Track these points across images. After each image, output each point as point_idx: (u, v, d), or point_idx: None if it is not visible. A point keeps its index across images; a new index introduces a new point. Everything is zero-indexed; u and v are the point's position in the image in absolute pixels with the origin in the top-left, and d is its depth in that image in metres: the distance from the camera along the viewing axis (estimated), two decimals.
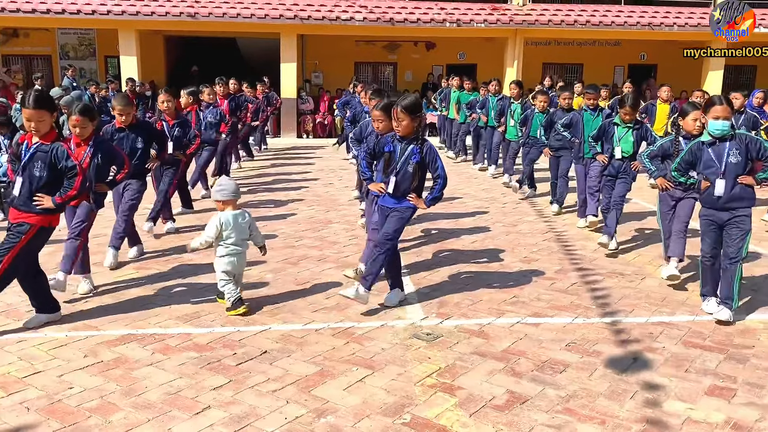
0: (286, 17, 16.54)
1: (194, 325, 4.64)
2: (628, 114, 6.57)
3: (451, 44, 19.34)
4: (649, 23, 17.59)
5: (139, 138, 6.17)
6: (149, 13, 16.13)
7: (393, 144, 4.90)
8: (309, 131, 17.54)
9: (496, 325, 4.71)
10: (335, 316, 4.83)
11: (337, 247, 6.76)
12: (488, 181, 11.03)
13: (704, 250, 4.98)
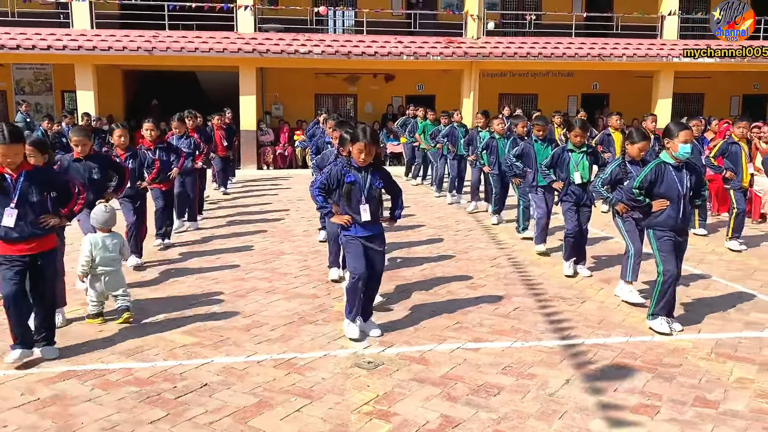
0: (245, 51, 16.72)
1: (137, 360, 4.65)
2: (578, 136, 6.71)
3: (410, 76, 19.74)
4: (600, 54, 18.21)
5: (96, 169, 6.25)
6: (106, 48, 16.16)
7: (352, 174, 4.96)
8: (269, 163, 17.63)
9: (437, 351, 4.82)
10: (278, 348, 4.89)
11: (288, 279, 6.82)
12: (444, 209, 11.22)
13: (670, 271, 5.08)
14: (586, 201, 6.79)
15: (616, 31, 19.73)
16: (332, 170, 5.04)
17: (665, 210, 5.06)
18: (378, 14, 19.15)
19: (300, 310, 5.77)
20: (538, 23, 19.94)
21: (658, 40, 19.28)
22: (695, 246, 8.35)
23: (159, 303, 5.97)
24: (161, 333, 5.18)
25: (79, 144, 6.12)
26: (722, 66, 18.78)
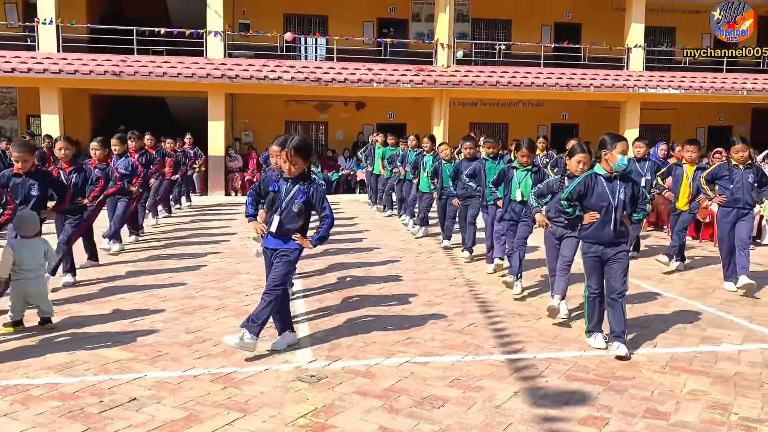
0: (214, 76, 16.63)
1: (65, 375, 4.39)
2: (525, 156, 6.76)
3: (381, 104, 19.78)
4: (568, 84, 18.45)
5: (36, 185, 6.04)
6: (72, 72, 15.96)
7: (278, 183, 4.87)
8: (237, 189, 17.42)
9: (384, 365, 4.63)
10: (218, 362, 4.66)
11: (239, 297, 6.59)
12: (408, 233, 11.08)
13: (591, 286, 5.04)
14: (523, 217, 6.76)
15: (584, 62, 20.05)
16: (265, 177, 5.01)
17: (594, 222, 4.97)
18: (349, 42, 19.24)
19: None
20: (507, 53, 20.18)
21: (625, 71, 19.61)
22: (656, 266, 8.31)
23: (98, 318, 5.70)
24: (96, 349, 4.92)
25: (19, 160, 5.94)
26: (688, 97, 19.17)
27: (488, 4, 20.60)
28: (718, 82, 19.40)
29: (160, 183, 11.63)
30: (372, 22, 20.54)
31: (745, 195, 6.95)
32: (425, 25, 20.65)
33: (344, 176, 18.46)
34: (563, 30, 21.31)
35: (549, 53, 20.39)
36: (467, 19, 21.05)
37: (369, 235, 10.74)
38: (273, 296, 4.82)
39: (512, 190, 6.81)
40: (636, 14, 19.52)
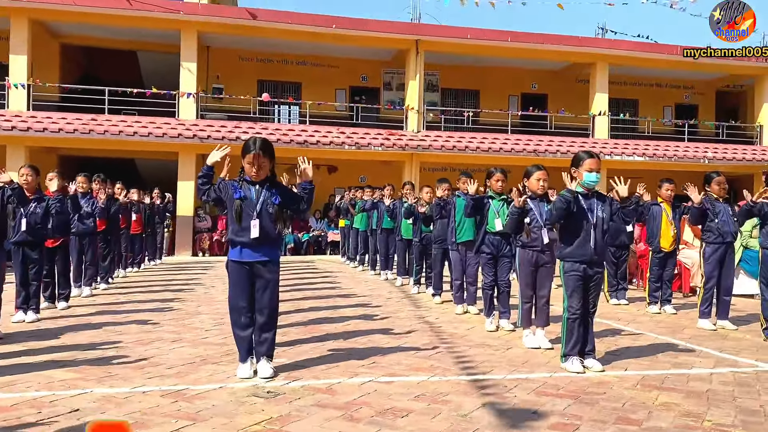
0: (185, 137, 16.69)
1: (4, 392, 4.11)
2: (499, 179, 6.61)
3: (352, 167, 19.94)
4: (535, 150, 18.89)
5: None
6: (41, 130, 15.90)
7: (243, 189, 4.61)
8: (205, 249, 17.17)
9: (347, 383, 4.43)
10: (170, 381, 4.42)
11: (198, 332, 6.35)
12: (377, 282, 10.92)
13: (573, 306, 4.90)
14: (505, 251, 6.63)
15: (551, 129, 20.62)
16: (221, 183, 4.70)
17: (575, 240, 4.93)
18: (321, 108, 19.61)
19: (204, 354, 5.32)
20: (475, 119, 20.71)
21: (591, 139, 20.20)
22: (626, 309, 8.27)
23: (47, 349, 5.42)
24: (42, 371, 4.65)
25: None
26: (651, 165, 19.71)
27: (457, 75, 21.30)
28: (681, 151, 20.09)
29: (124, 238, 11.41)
30: (344, 90, 21.02)
31: (731, 227, 7.01)
32: (396, 93, 21.18)
33: (315, 237, 18.36)
34: (530, 100, 22.00)
35: (516, 122, 20.98)
36: (437, 89, 21.66)
37: (340, 285, 10.56)
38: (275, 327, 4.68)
39: (490, 220, 6.59)
40: (600, 85, 20.31)
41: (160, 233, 15.21)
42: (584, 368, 4.86)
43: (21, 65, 16.75)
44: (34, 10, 16.65)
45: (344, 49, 19.58)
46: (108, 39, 18.80)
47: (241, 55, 20.10)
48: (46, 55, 18.20)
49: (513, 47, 19.42)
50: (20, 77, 16.72)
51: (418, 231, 9.38)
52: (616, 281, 8.96)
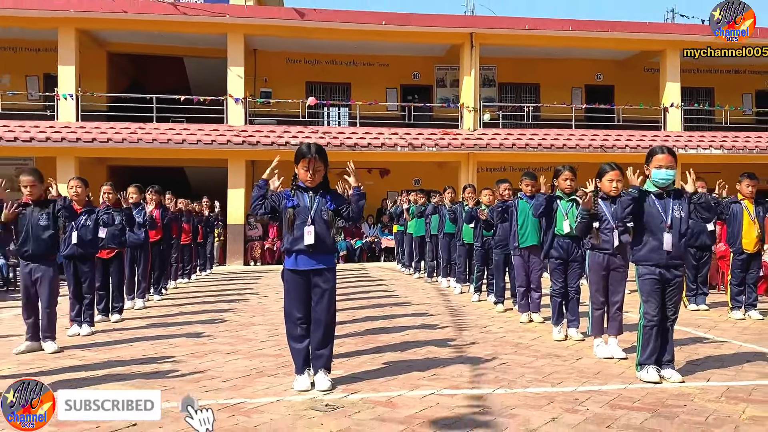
0: (234, 143, 17.06)
1: None
2: (567, 178, 6.47)
3: (405, 170, 19.98)
4: (602, 146, 18.54)
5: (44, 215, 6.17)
6: (90, 140, 16.52)
7: (295, 197, 4.71)
8: (257, 258, 17.50)
9: (407, 396, 4.45)
10: (227, 395, 4.53)
11: (253, 343, 6.49)
12: (435, 290, 10.91)
13: (649, 313, 4.82)
14: (576, 256, 6.52)
15: (618, 123, 20.19)
16: (277, 193, 4.86)
17: (649, 243, 4.84)
18: (372, 108, 19.71)
19: (260, 366, 5.43)
20: (536, 115, 20.48)
21: (662, 132, 19.69)
22: (707, 315, 8.02)
23: (102, 364, 5.61)
24: (98, 384, 4.84)
25: (28, 184, 6.06)
26: (731, 158, 19.05)
27: (515, 68, 21.09)
28: (763, 141, 19.36)
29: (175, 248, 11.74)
30: (395, 89, 21.11)
31: None
32: (450, 90, 21.15)
33: (368, 243, 18.47)
34: (595, 92, 21.63)
35: (580, 116, 20.63)
36: (493, 84, 21.52)
37: (395, 293, 10.61)
38: (333, 333, 4.75)
39: (558, 223, 6.48)
40: (671, 74, 19.78)
41: (210, 242, 15.58)
42: (661, 378, 4.75)
43: (69, 76, 17.46)
44: (81, 19, 17.35)
45: (395, 46, 19.67)
46: (154, 46, 19.41)
47: (288, 57, 20.44)
48: (94, 65, 18.93)
49: (575, 36, 19.13)
50: (69, 88, 17.43)
51: (479, 235, 9.33)
52: (696, 285, 8.71)
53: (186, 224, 12.59)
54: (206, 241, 14.83)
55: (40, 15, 17.08)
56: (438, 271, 11.93)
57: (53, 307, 6.19)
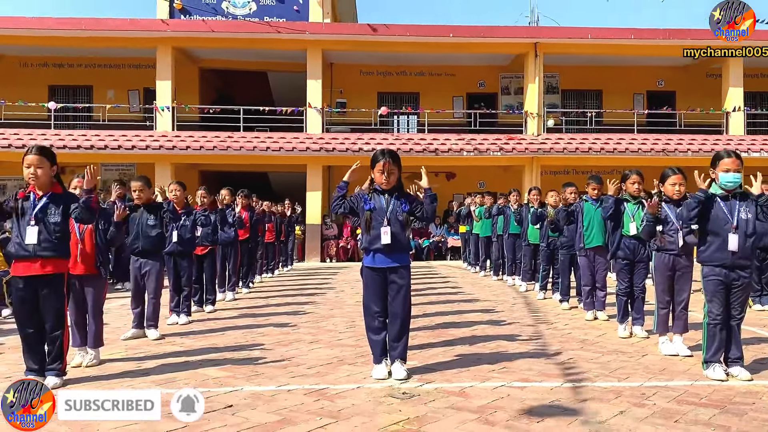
0: (312, 150, 17.37)
1: (166, 387, 4.48)
2: (635, 182, 6.31)
3: (471, 173, 19.85)
4: (664, 149, 17.93)
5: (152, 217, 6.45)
6: (184, 148, 17.15)
7: (372, 200, 4.77)
8: (332, 255, 17.75)
9: (479, 387, 4.44)
10: (312, 381, 4.63)
11: (333, 334, 6.59)
12: (500, 287, 10.80)
13: (713, 312, 4.68)
14: (642, 256, 6.33)
15: (680, 127, 19.47)
16: (357, 194, 4.93)
17: (714, 244, 4.67)
18: (439, 116, 19.69)
19: (341, 355, 5.52)
20: (598, 120, 19.96)
21: (725, 136, 18.87)
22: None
23: (198, 351, 5.82)
24: (196, 369, 5.03)
25: (137, 189, 6.37)
26: None
27: (578, 75, 20.63)
28: None
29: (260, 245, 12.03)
30: (462, 97, 21.00)
31: None
32: (515, 97, 20.88)
33: (435, 243, 18.44)
34: (656, 98, 20.92)
35: (642, 120, 20.00)
36: (557, 91, 21.11)
37: (462, 290, 10.57)
38: (408, 326, 4.77)
39: (625, 224, 6.32)
40: (734, 78, 18.94)
41: (291, 241, 15.89)
42: (728, 376, 4.57)
43: (166, 90, 18.17)
44: (177, 38, 18.02)
45: (461, 56, 19.59)
46: (241, 61, 19.95)
47: (362, 69, 20.62)
48: (187, 80, 19.61)
49: (636, 44, 18.56)
50: (165, 100, 18.13)
51: (545, 236, 9.19)
52: (761, 286, 8.31)
53: (270, 224, 12.90)
54: (288, 239, 15.14)
55: (141, 35, 17.86)
56: (503, 270, 11.81)
57: (158, 297, 6.48)
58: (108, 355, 5.51)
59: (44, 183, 4.56)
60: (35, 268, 4.45)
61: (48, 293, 4.48)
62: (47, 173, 4.55)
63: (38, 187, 4.56)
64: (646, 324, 6.31)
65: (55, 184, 4.65)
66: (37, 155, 4.50)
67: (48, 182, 4.58)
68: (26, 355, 4.55)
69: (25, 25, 17.60)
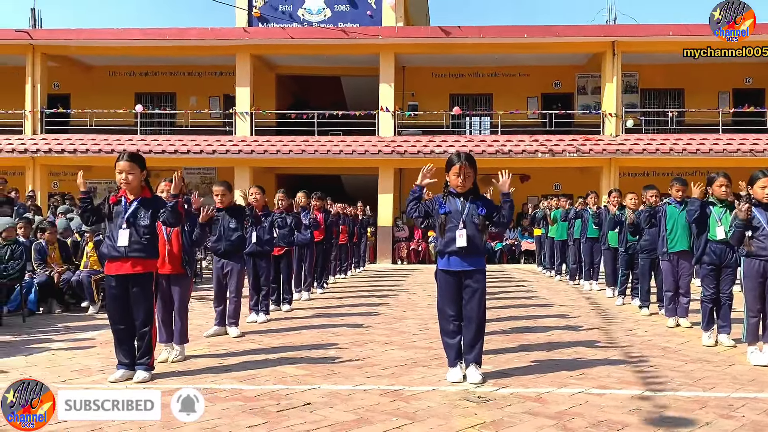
0: (384, 152, 17.50)
1: (247, 384, 4.65)
2: (722, 185, 6.03)
3: (546, 175, 19.47)
4: (751, 150, 17.06)
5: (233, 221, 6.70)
6: (262, 152, 17.64)
7: (447, 204, 4.75)
8: (403, 257, 17.81)
9: (556, 393, 4.37)
10: (387, 381, 4.69)
11: (406, 335, 6.64)
12: (576, 292, 10.54)
13: None
14: (730, 262, 6.04)
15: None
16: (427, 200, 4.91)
17: None
18: (513, 117, 19.41)
19: (414, 357, 5.55)
20: (680, 120, 19.19)
21: None
22: None
23: (277, 349, 5.98)
24: (275, 366, 5.18)
25: (219, 193, 6.61)
26: None
27: (658, 74, 19.87)
28: None
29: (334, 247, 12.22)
30: (536, 98, 20.63)
31: None
32: (591, 97, 20.34)
33: (508, 246, 18.20)
34: (743, 96, 19.88)
35: (727, 120, 19.07)
36: (635, 90, 20.43)
37: (537, 294, 10.40)
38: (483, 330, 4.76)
39: (711, 228, 6.07)
40: None
41: (363, 242, 16.06)
42: None
43: (245, 96, 18.73)
44: (255, 46, 18.55)
45: (536, 57, 19.25)
46: (315, 67, 20.32)
47: (434, 71, 20.60)
48: (264, 86, 20.13)
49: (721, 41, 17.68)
50: (244, 106, 18.70)
51: (624, 240, 8.91)
52: None
53: (343, 226, 13.08)
54: (360, 241, 15.32)
55: (221, 44, 18.50)
56: (580, 274, 11.53)
57: (239, 296, 6.71)
58: (192, 351, 5.74)
59: (135, 188, 4.80)
60: (126, 268, 4.69)
61: (138, 291, 4.71)
62: (137, 178, 4.79)
63: (129, 191, 4.80)
64: (733, 332, 6.03)
65: (145, 188, 4.88)
66: (128, 161, 4.74)
67: (138, 187, 4.82)
68: (117, 349, 4.79)
69: (113, 36, 18.54)
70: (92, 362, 5.37)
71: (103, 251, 4.89)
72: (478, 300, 4.69)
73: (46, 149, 17.91)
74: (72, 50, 19.17)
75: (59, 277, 8.64)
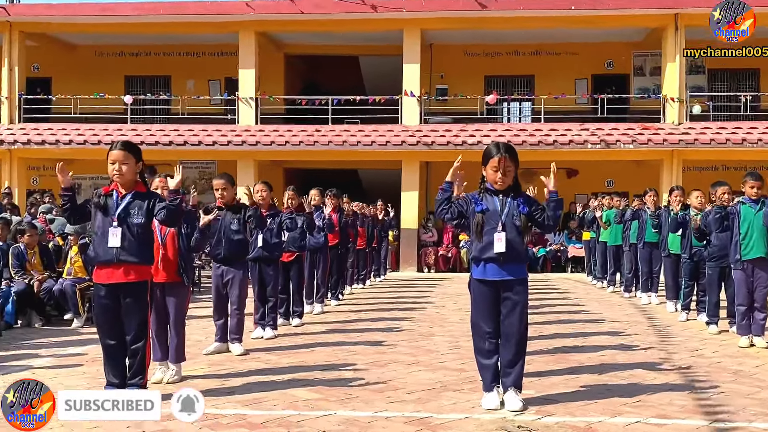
0: (408, 143, 17.52)
1: (253, 408, 4.71)
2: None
3: (597, 170, 19.33)
4: None
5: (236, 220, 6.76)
6: (268, 143, 17.76)
7: (483, 201, 4.73)
8: (431, 265, 17.81)
9: (609, 422, 4.36)
10: (413, 407, 4.71)
11: (434, 355, 6.66)
12: (632, 306, 10.47)
13: None
14: None
15: None
16: (460, 198, 4.88)
17: None
18: (558, 102, 19.30)
19: (444, 380, 5.58)
20: (755, 105, 18.96)
21: None
22: None
23: (287, 369, 6.03)
24: (285, 389, 5.23)
25: (219, 187, 6.68)
26: None
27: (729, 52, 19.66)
28: None
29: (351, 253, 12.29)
30: (585, 80, 20.51)
31: None
32: (650, 79, 20.20)
33: (553, 252, 18.11)
34: None
35: None
36: (702, 71, 20.21)
37: (585, 308, 10.36)
38: (524, 350, 4.76)
39: None
40: None
41: (384, 247, 16.11)
42: None
43: (249, 79, 18.86)
44: (260, 22, 18.69)
45: (585, 32, 19.13)
46: (330, 46, 20.42)
47: (466, 50, 20.56)
48: (271, 68, 20.29)
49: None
50: (249, 91, 18.85)
51: (688, 245, 8.79)
52: None
53: (361, 228, 13.13)
54: (380, 246, 15.36)
55: (222, 20, 18.66)
56: (637, 285, 11.44)
57: (243, 309, 6.78)
58: (190, 370, 5.81)
59: (129, 180, 4.84)
60: (118, 276, 4.75)
61: (131, 302, 4.76)
62: (132, 170, 4.83)
63: (122, 184, 4.83)
64: None
65: (139, 183, 4.94)
66: (122, 150, 4.79)
67: (132, 180, 4.86)
68: (107, 367, 4.86)
69: (100, 11, 18.80)
70: (77, 382, 5.47)
71: (90, 255, 4.95)
72: (519, 314, 4.68)
73: (25, 140, 18.20)
74: (53, 28, 19.48)
75: (40, 285, 8.79)
